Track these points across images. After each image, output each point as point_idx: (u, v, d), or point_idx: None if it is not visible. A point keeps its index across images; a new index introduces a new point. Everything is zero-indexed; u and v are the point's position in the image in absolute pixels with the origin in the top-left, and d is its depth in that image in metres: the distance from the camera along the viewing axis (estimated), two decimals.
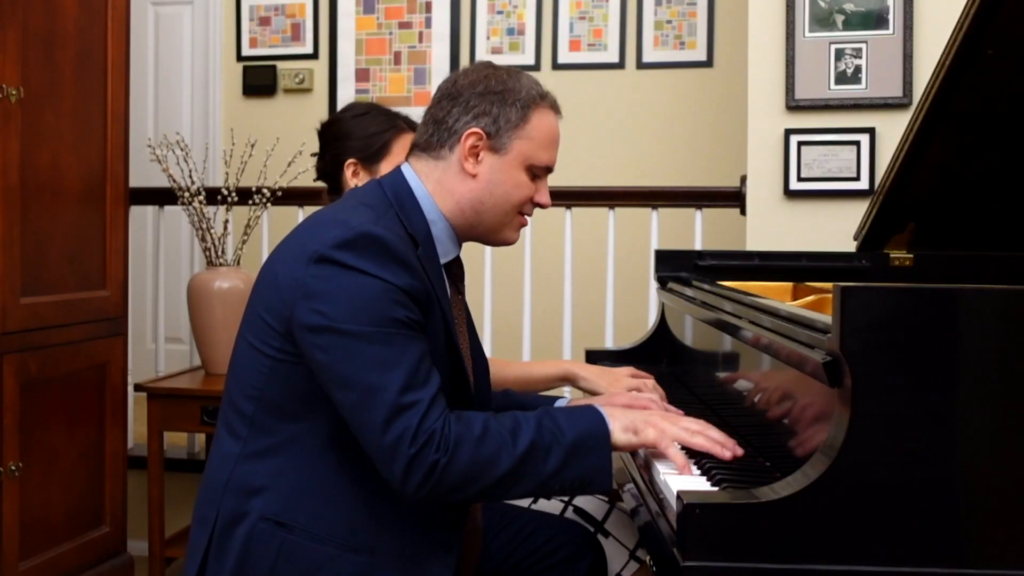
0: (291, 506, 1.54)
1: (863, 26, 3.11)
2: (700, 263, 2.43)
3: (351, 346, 1.47)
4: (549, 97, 1.69)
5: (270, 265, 1.60)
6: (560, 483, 1.51)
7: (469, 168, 1.63)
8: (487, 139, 1.63)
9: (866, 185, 3.12)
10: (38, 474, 2.69)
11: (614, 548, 2.06)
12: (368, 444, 1.48)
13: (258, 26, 5.04)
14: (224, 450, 1.60)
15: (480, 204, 1.65)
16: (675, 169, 4.63)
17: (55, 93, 2.72)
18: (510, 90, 1.64)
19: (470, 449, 1.48)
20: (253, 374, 1.57)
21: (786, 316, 1.50)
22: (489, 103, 1.63)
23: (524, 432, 1.51)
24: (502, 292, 3.90)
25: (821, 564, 1.24)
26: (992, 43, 1.80)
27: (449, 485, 1.47)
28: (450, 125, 1.64)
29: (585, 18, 4.77)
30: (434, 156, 1.66)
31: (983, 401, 1.26)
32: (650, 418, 1.57)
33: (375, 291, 1.48)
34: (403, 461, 1.44)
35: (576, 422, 1.54)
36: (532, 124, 1.65)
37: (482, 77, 1.66)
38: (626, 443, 1.55)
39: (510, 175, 1.65)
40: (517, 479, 1.49)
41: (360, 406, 1.46)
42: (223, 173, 3.63)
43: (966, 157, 2.09)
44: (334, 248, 1.50)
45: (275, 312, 1.54)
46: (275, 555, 1.52)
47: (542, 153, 1.67)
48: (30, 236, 2.63)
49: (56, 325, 2.74)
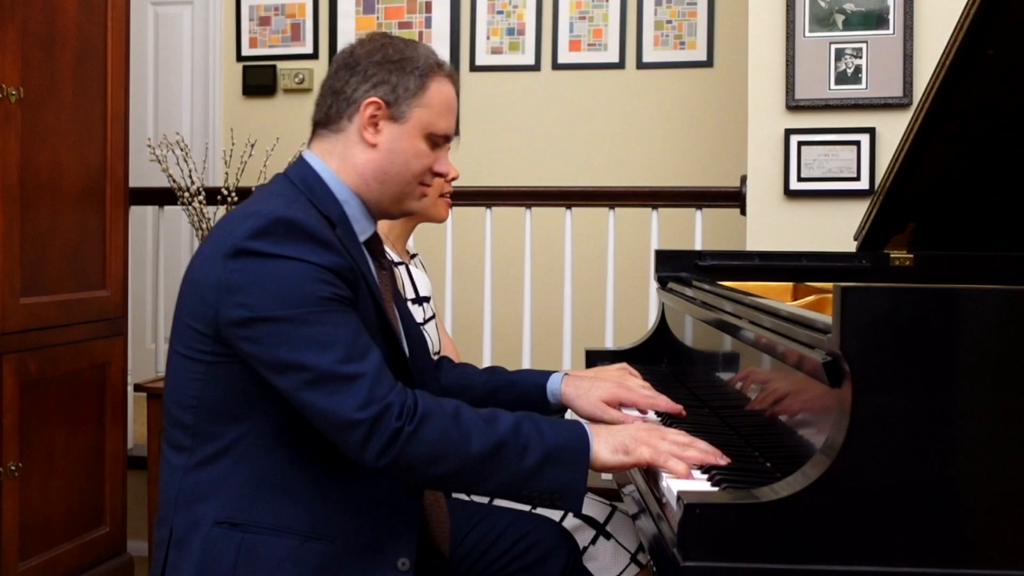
0: (244, 506, 1.52)
1: (863, 26, 3.11)
2: (700, 263, 2.43)
3: (282, 331, 1.46)
4: (446, 66, 1.69)
5: (189, 272, 1.58)
6: (531, 487, 1.49)
7: (369, 138, 1.63)
8: (386, 108, 1.62)
9: (866, 185, 3.12)
10: (38, 474, 2.69)
11: (615, 551, 2.06)
12: (321, 423, 1.47)
13: (258, 26, 5.04)
14: (171, 464, 1.58)
15: (382, 174, 1.64)
16: (675, 169, 4.63)
17: (55, 93, 2.72)
18: (408, 59, 1.64)
19: (440, 423, 1.47)
20: (188, 383, 1.55)
21: (786, 316, 1.50)
22: (387, 72, 1.63)
23: (502, 423, 1.50)
24: (502, 292, 3.90)
25: (821, 564, 1.24)
26: (992, 43, 1.80)
27: (416, 457, 1.46)
28: (348, 95, 1.63)
29: (585, 18, 4.77)
30: (334, 130, 1.65)
31: (983, 401, 1.26)
32: (638, 435, 1.54)
33: (297, 274, 1.47)
34: (361, 430, 1.44)
35: (559, 430, 1.53)
36: (430, 92, 1.64)
37: (379, 46, 1.65)
38: (618, 463, 1.53)
39: (410, 144, 1.64)
40: (489, 469, 1.48)
41: (304, 387, 1.46)
42: (223, 173, 3.63)
43: (966, 157, 2.09)
44: (249, 239, 1.49)
45: (200, 316, 1.53)
46: (234, 556, 1.51)
47: (441, 121, 1.66)
48: (30, 236, 2.63)
49: (56, 325, 2.74)
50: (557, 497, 1.50)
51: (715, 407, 1.93)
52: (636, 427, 1.58)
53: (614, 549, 2.06)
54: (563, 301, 3.50)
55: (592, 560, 2.03)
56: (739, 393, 1.79)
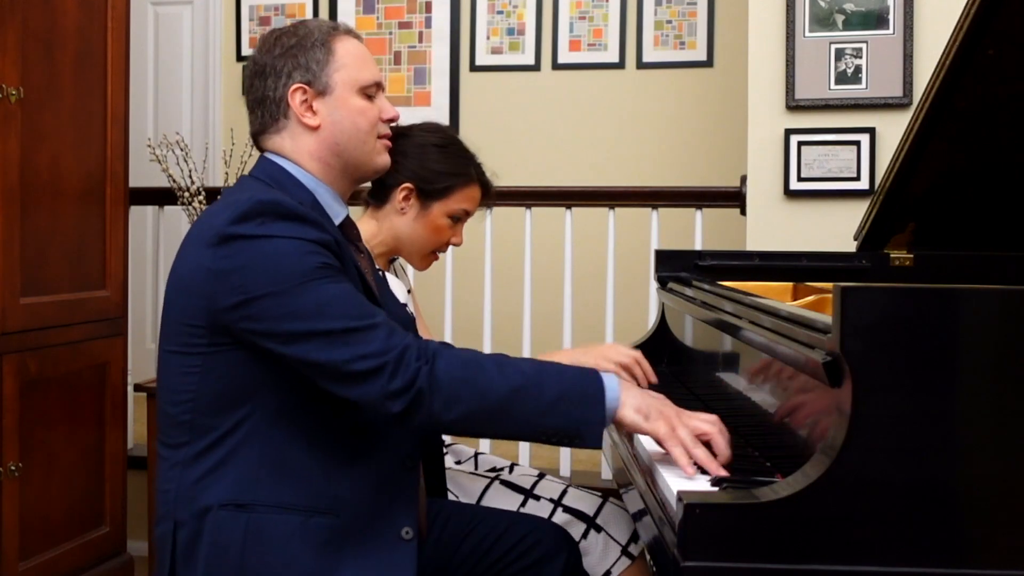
0: (247, 487, 1.54)
1: (863, 26, 3.11)
2: (700, 263, 2.43)
3: (283, 304, 1.48)
4: (342, 26, 1.72)
5: (173, 273, 1.60)
6: (552, 424, 1.50)
7: (309, 122, 1.66)
8: (311, 88, 1.65)
9: (866, 185, 3.12)
10: (38, 474, 2.69)
11: (606, 543, 2.06)
12: (340, 382, 1.49)
13: (258, 26, 5.04)
14: (168, 462, 1.59)
15: (337, 147, 1.67)
16: (675, 169, 4.63)
17: (55, 93, 2.72)
18: (303, 36, 1.67)
19: (457, 363, 1.50)
20: (182, 379, 1.56)
21: (786, 316, 1.50)
22: (293, 57, 1.65)
23: (519, 363, 1.53)
24: (502, 292, 3.90)
25: (821, 564, 1.24)
26: (992, 43, 1.80)
27: (436, 397, 1.47)
28: (273, 97, 1.66)
29: (585, 18, 4.77)
30: (275, 131, 1.68)
31: (983, 401, 1.26)
32: (665, 409, 1.55)
33: (287, 250, 1.50)
34: (387, 370, 1.46)
35: (576, 373, 1.55)
36: (339, 53, 1.67)
37: (274, 41, 1.68)
38: (632, 422, 1.54)
39: (348, 106, 1.67)
40: (510, 407, 1.49)
41: (319, 347, 1.47)
42: (223, 173, 3.64)
43: (966, 157, 2.09)
44: (233, 224, 1.51)
45: (192, 311, 1.54)
46: (242, 536, 1.52)
47: (364, 73, 1.69)
48: (30, 236, 2.63)
49: (56, 325, 2.74)
50: (575, 434, 1.52)
51: (715, 407, 1.93)
52: (666, 402, 1.59)
53: (604, 542, 2.06)
54: (563, 301, 3.50)
55: (584, 554, 2.03)
56: (739, 393, 1.79)
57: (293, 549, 1.53)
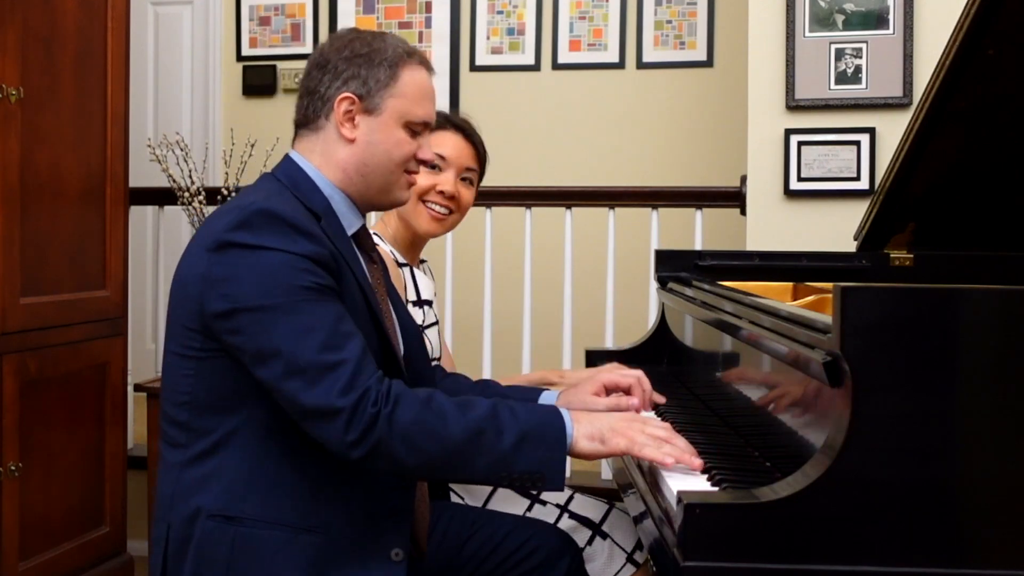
0: (237, 498, 1.53)
1: (863, 26, 3.11)
2: (700, 263, 2.43)
3: (263, 320, 1.47)
4: (417, 54, 1.69)
5: (176, 272, 1.60)
6: (512, 469, 1.49)
7: (346, 133, 1.64)
8: (359, 102, 1.64)
9: (866, 185, 3.12)
10: (38, 474, 2.69)
11: (611, 550, 2.06)
12: (301, 413, 1.48)
13: (258, 26, 5.04)
14: (167, 462, 1.60)
15: (364, 167, 1.65)
16: (675, 169, 4.63)
17: (55, 93, 2.72)
18: (376, 51, 1.65)
19: (414, 408, 1.48)
20: (180, 380, 1.57)
21: (786, 316, 1.50)
22: (357, 66, 1.64)
23: (477, 408, 1.51)
24: (502, 292, 3.90)
25: (821, 564, 1.24)
26: (992, 43, 1.80)
27: (394, 443, 1.46)
28: (322, 93, 1.65)
29: (585, 18, 4.77)
30: (313, 129, 1.67)
31: (983, 401, 1.26)
32: (617, 425, 1.55)
33: (278, 263, 1.49)
34: (342, 418, 1.45)
35: (533, 413, 1.54)
36: (402, 81, 1.65)
37: (347, 42, 1.67)
38: (592, 451, 1.54)
39: (388, 134, 1.65)
40: (468, 453, 1.48)
41: (284, 376, 1.46)
42: (223, 173, 3.63)
43: (966, 157, 2.09)
44: (230, 231, 1.50)
45: (189, 313, 1.54)
46: (229, 549, 1.52)
47: (417, 108, 1.67)
48: (30, 236, 2.63)
49: (56, 325, 2.74)
50: (538, 478, 1.51)
51: (715, 407, 1.93)
52: (616, 417, 1.59)
53: (610, 549, 2.06)
54: (563, 301, 3.49)
55: (589, 561, 2.03)
56: (739, 393, 1.79)
57: (279, 566, 1.52)
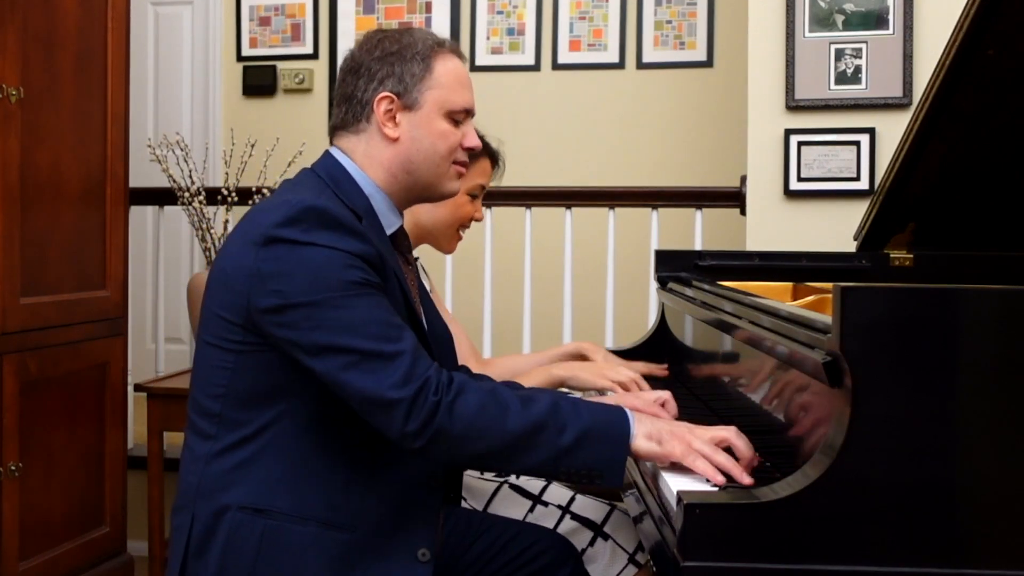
0: (268, 492, 1.53)
1: (863, 26, 3.11)
2: (700, 263, 2.43)
3: (315, 315, 1.47)
4: (448, 43, 1.69)
5: (218, 263, 1.60)
6: (571, 464, 1.49)
7: (390, 133, 1.64)
8: (398, 99, 1.64)
9: (866, 185, 3.12)
10: (38, 474, 2.69)
11: (613, 551, 2.06)
12: (362, 404, 1.48)
13: (258, 26, 5.04)
14: (195, 453, 1.59)
15: (410, 164, 1.65)
16: (675, 169, 4.63)
17: (55, 93, 2.72)
18: (406, 46, 1.65)
19: (477, 398, 1.48)
20: (217, 372, 1.57)
21: (786, 316, 1.50)
22: (390, 65, 1.64)
23: (539, 401, 1.51)
24: (502, 292, 3.90)
25: (821, 564, 1.24)
26: (992, 43, 1.80)
27: (454, 432, 1.46)
28: (360, 97, 1.65)
29: (585, 18, 4.77)
30: (353, 131, 1.67)
31: (983, 401, 1.26)
32: (676, 430, 1.52)
33: (328, 260, 1.49)
34: (402, 408, 1.45)
35: (597, 410, 1.53)
36: (437, 72, 1.65)
37: (376, 42, 1.67)
38: (647, 452, 1.51)
39: (431, 127, 1.65)
40: (528, 445, 1.48)
41: (341, 369, 1.46)
42: (223, 173, 3.63)
43: (966, 157, 2.09)
44: (279, 227, 1.50)
45: (231, 306, 1.54)
46: (257, 542, 1.52)
47: (456, 97, 1.66)
48: (30, 236, 2.63)
49: (56, 325, 2.74)
50: (597, 474, 1.50)
51: (715, 407, 1.93)
52: (675, 423, 1.57)
53: (612, 550, 2.06)
54: (563, 301, 3.50)
55: (590, 562, 2.03)
56: (739, 393, 1.79)
57: (307, 560, 1.52)
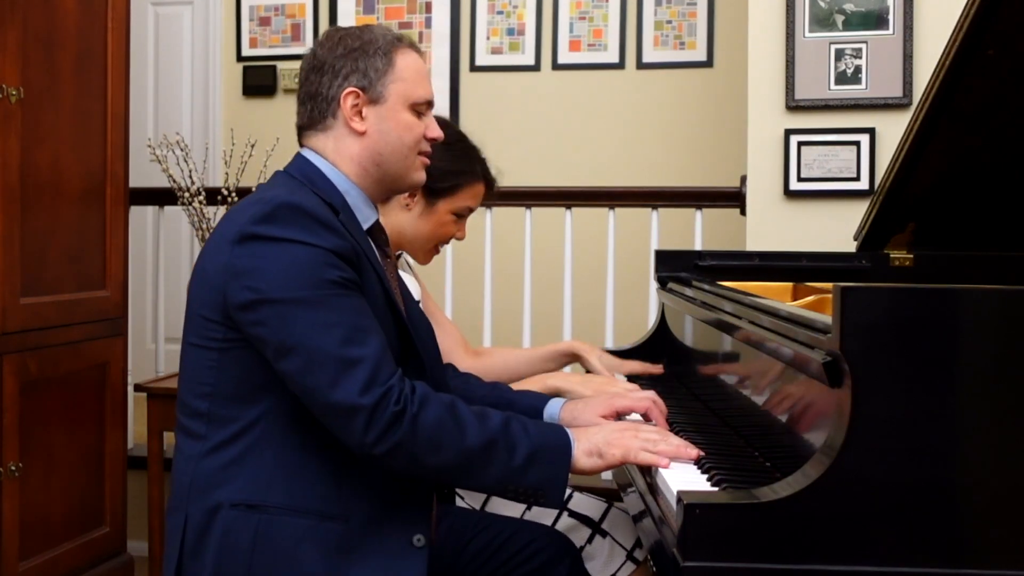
0: (260, 487, 1.54)
1: (863, 26, 3.11)
2: (700, 263, 2.43)
3: (286, 313, 1.49)
4: (405, 38, 1.73)
5: (198, 264, 1.62)
6: (519, 483, 1.53)
7: (357, 127, 1.67)
8: (364, 94, 1.66)
9: (866, 185, 3.12)
10: (38, 474, 2.69)
11: (611, 548, 2.06)
12: (320, 408, 1.49)
13: (258, 26, 5.04)
14: (185, 454, 1.60)
15: (379, 156, 1.68)
16: (675, 169, 4.63)
17: (55, 93, 2.72)
18: (367, 42, 1.68)
19: (437, 411, 1.50)
20: (203, 372, 1.58)
21: (786, 316, 1.50)
22: (353, 60, 1.67)
23: (493, 419, 1.55)
24: (502, 292, 3.90)
25: (821, 564, 1.24)
26: (992, 43, 1.80)
27: (414, 443, 1.48)
28: (325, 94, 1.68)
29: (585, 18, 4.77)
30: (320, 129, 1.69)
31: (983, 401, 1.26)
32: (611, 436, 1.58)
33: (303, 256, 1.50)
34: (362, 416, 1.46)
35: (543, 430, 1.58)
36: (399, 66, 1.68)
37: (337, 40, 1.70)
38: (592, 467, 1.57)
39: (397, 119, 1.68)
40: (482, 462, 1.52)
41: (305, 371, 1.48)
42: (223, 173, 3.63)
43: (966, 157, 2.09)
44: (255, 224, 1.52)
45: (210, 304, 1.56)
46: (252, 537, 1.53)
47: (418, 89, 1.70)
48: (30, 236, 2.63)
49: (56, 325, 2.74)
50: (541, 494, 1.55)
51: (715, 407, 1.93)
52: (610, 428, 1.62)
53: (610, 547, 2.06)
54: (563, 301, 3.49)
55: (589, 559, 2.03)
56: (739, 393, 1.79)
57: (302, 553, 1.53)
